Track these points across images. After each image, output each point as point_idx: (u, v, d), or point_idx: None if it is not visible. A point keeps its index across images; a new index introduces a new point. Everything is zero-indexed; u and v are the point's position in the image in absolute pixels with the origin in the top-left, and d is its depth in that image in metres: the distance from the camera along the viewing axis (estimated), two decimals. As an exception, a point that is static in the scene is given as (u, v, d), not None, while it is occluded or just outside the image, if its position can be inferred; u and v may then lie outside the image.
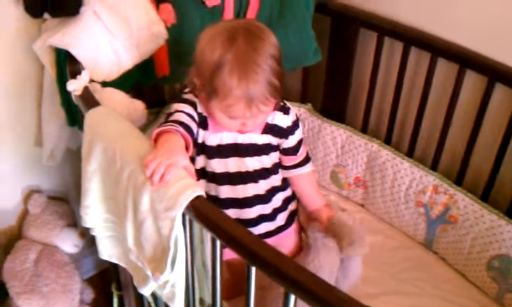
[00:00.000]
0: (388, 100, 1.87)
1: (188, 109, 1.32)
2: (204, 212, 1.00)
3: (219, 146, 1.37)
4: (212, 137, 1.37)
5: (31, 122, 1.79)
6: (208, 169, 1.40)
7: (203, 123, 1.35)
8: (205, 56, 1.24)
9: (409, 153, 1.83)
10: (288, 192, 1.52)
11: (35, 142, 1.82)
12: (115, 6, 1.48)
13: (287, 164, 1.49)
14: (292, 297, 0.89)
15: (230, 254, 1.16)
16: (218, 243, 1.02)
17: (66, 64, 1.41)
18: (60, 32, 1.43)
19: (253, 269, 0.96)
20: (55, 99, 1.57)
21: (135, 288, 1.31)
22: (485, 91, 1.59)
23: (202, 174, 1.41)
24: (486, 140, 1.66)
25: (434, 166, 1.78)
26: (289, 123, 1.42)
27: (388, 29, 1.77)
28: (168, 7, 1.61)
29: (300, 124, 1.46)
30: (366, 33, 1.84)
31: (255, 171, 1.41)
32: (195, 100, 1.34)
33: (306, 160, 1.51)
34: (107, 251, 1.32)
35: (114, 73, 1.49)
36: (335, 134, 1.94)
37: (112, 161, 1.13)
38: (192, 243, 1.11)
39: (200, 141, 1.37)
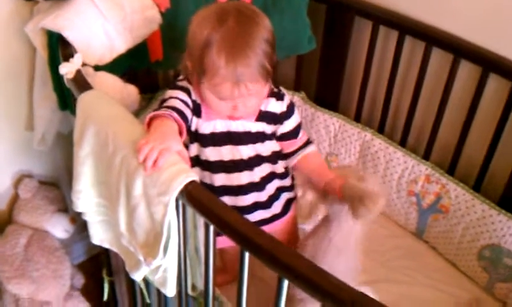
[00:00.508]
0: (381, 89, 1.87)
1: (182, 95, 1.31)
2: (198, 196, 0.99)
3: (213, 134, 1.36)
4: (205, 125, 1.35)
5: (21, 106, 1.77)
6: (202, 157, 1.39)
7: (196, 110, 1.34)
8: (195, 37, 1.23)
9: (402, 143, 1.83)
10: (286, 182, 1.50)
11: (26, 127, 1.80)
12: None
13: (290, 150, 1.46)
14: (286, 283, 0.89)
15: (223, 242, 1.17)
16: (211, 229, 1.01)
17: (59, 47, 1.39)
18: (52, 14, 1.41)
19: (247, 255, 0.95)
20: (47, 82, 1.55)
21: (126, 274, 1.30)
22: (479, 81, 1.59)
23: (196, 162, 1.40)
24: (479, 130, 1.66)
25: (426, 156, 1.78)
26: (284, 108, 1.40)
27: (383, 18, 1.76)
28: None
29: (296, 109, 1.44)
30: (361, 21, 1.83)
31: (250, 158, 1.40)
32: (189, 86, 1.33)
33: (308, 142, 1.48)
34: (99, 236, 1.30)
35: (106, 57, 1.48)
36: (328, 123, 1.93)
37: (105, 145, 1.12)
38: (185, 229, 1.11)
39: (193, 128, 1.36)
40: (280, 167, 1.47)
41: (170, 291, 1.16)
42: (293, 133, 1.44)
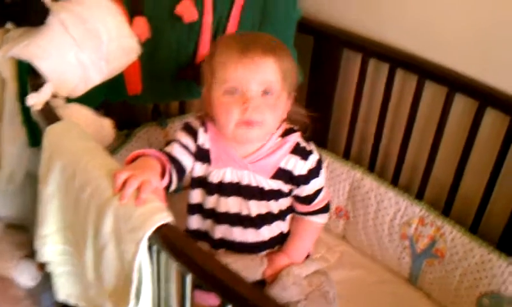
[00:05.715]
0: (372, 124, 1.82)
1: (185, 138, 1.28)
2: (173, 239, 0.91)
3: (221, 183, 1.29)
4: (214, 173, 1.29)
5: (-12, 142, 1.66)
6: (207, 205, 1.33)
7: (202, 156, 1.29)
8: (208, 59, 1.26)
9: (394, 182, 1.78)
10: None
11: (-7, 165, 1.69)
12: (84, 17, 1.41)
13: (299, 211, 1.38)
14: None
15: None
16: (188, 279, 0.92)
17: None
18: (23, 42, 1.35)
19: (230, 309, 0.85)
20: (16, 117, 1.47)
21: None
22: (475, 116, 1.55)
23: (198, 209, 1.35)
24: (476, 168, 1.62)
25: (420, 195, 1.72)
26: (304, 172, 1.29)
27: (373, 50, 1.73)
28: (142, 21, 1.56)
29: (321, 172, 1.34)
30: (350, 54, 1.81)
31: (258, 215, 1.31)
32: (199, 128, 1.28)
33: (322, 210, 1.39)
34: (65, 290, 1.22)
35: (80, 89, 1.42)
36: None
37: (72, 180, 1.05)
38: (160, 278, 1.01)
39: (198, 174, 1.31)
40: (286, 225, 1.39)
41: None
42: (308, 200, 1.35)
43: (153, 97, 1.72)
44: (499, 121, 1.53)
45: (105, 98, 1.61)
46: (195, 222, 1.37)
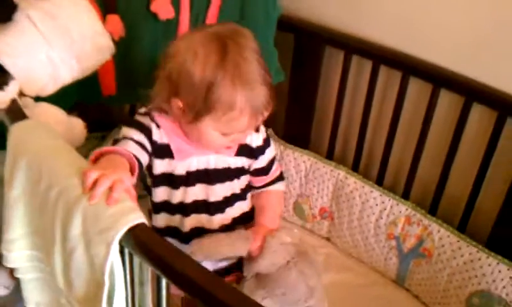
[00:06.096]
0: (355, 123, 1.80)
1: (138, 136, 1.21)
2: (146, 240, 0.86)
3: (188, 173, 1.29)
4: (180, 165, 1.27)
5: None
6: (174, 200, 1.30)
7: (163, 152, 1.26)
8: (192, 75, 1.14)
9: (379, 181, 1.75)
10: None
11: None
12: (53, 14, 1.36)
13: (257, 185, 1.43)
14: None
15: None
16: (164, 283, 0.87)
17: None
18: None
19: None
20: None
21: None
22: (461, 112, 1.52)
23: (164, 207, 1.32)
24: (463, 165, 1.59)
25: (406, 195, 1.70)
26: (259, 143, 1.36)
27: (355, 47, 1.70)
28: (115, 19, 1.51)
29: (271, 141, 1.41)
30: (332, 51, 1.77)
31: (225, 198, 1.33)
32: (151, 124, 1.24)
33: (278, 179, 1.45)
34: (34, 298, 1.17)
35: (50, 88, 1.37)
36: (298, 161, 1.83)
37: (38, 180, 1.00)
38: (133, 284, 0.96)
39: (161, 171, 1.27)
40: (248, 203, 1.41)
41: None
42: (265, 171, 1.40)
43: (128, 98, 1.66)
44: (486, 117, 1.50)
45: (79, 99, 1.56)
46: (162, 220, 1.34)
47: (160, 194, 1.30)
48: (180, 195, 1.29)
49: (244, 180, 1.38)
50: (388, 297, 1.70)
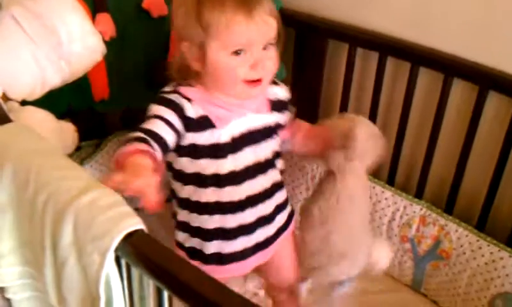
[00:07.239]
0: None
1: (168, 114, 1.18)
2: (145, 249, 0.80)
3: (233, 140, 1.25)
4: (224, 132, 1.23)
5: None
6: (223, 171, 1.25)
7: (202, 124, 1.22)
8: (181, 11, 1.18)
9: (390, 181, 1.70)
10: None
11: None
12: (38, 12, 1.33)
13: (288, 136, 1.38)
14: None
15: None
16: (166, 296, 0.80)
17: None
18: None
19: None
20: None
21: None
22: (476, 102, 1.47)
23: (213, 180, 1.27)
24: (479, 159, 1.54)
25: (419, 194, 1.65)
26: (286, 94, 1.36)
27: (360, 38, 1.64)
28: (106, 18, 1.48)
29: None
30: (336, 45, 1.73)
31: (266, 160, 1.31)
32: (182, 101, 1.20)
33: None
34: None
35: (37, 92, 1.34)
36: (303, 162, 1.77)
37: (24, 187, 0.94)
38: (132, 297, 0.90)
39: (203, 142, 1.23)
40: (278, 171, 1.37)
41: None
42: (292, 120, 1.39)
43: (122, 102, 1.62)
44: (503, 106, 1.45)
45: (69, 105, 1.52)
46: (209, 195, 1.28)
47: (212, 167, 1.25)
48: (229, 163, 1.25)
49: (277, 140, 1.35)
50: (404, 304, 1.67)
